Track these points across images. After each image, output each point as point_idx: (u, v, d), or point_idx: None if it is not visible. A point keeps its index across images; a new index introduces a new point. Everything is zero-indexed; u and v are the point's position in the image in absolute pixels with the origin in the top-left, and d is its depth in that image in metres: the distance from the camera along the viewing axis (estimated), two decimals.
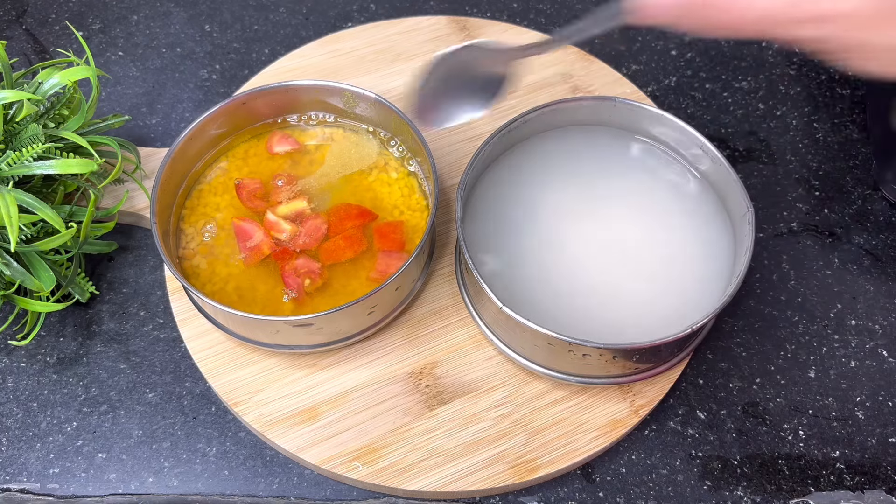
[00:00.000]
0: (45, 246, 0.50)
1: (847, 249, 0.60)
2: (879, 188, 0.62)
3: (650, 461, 0.52)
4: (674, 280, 0.51)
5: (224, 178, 0.57)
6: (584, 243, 0.53)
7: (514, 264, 0.52)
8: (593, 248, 0.52)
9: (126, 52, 0.70)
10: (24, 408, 0.54)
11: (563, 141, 0.57)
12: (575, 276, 0.51)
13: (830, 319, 0.57)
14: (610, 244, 0.53)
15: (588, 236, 0.53)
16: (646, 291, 0.51)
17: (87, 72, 0.53)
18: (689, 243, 0.53)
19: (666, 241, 0.53)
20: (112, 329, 0.56)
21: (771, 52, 0.69)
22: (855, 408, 0.54)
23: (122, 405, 0.54)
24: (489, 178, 0.55)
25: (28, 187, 0.51)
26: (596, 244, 0.53)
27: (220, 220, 0.55)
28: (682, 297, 0.50)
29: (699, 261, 0.52)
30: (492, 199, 0.55)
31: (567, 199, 0.54)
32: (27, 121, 0.50)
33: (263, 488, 0.51)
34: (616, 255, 0.52)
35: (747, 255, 0.48)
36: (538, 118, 0.55)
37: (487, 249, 0.52)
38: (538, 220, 0.54)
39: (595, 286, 0.51)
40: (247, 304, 0.52)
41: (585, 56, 0.66)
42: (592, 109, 0.56)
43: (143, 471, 0.52)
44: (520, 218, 0.54)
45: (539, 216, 0.54)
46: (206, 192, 0.57)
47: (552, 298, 0.50)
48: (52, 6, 0.73)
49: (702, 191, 0.54)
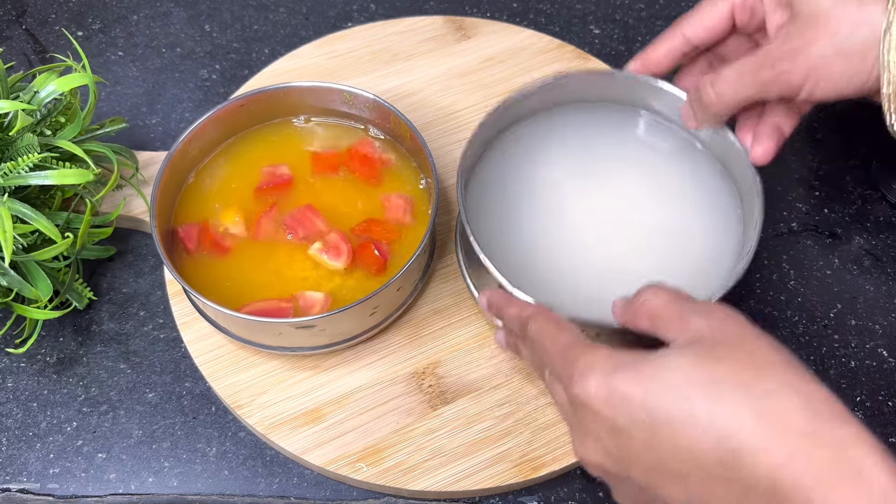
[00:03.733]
0: (42, 256, 0.50)
1: (847, 249, 0.60)
2: (880, 188, 0.62)
3: None
4: (681, 256, 0.50)
5: (221, 181, 0.57)
6: (589, 220, 0.52)
7: (516, 243, 0.51)
8: (598, 225, 0.52)
9: (126, 52, 0.70)
10: (24, 408, 0.54)
11: (565, 118, 0.56)
12: (580, 255, 0.51)
13: (830, 319, 0.57)
14: (616, 221, 0.52)
15: (592, 213, 0.52)
16: (653, 268, 0.50)
17: (85, 79, 0.52)
18: (696, 218, 0.52)
19: (672, 216, 0.52)
20: (112, 329, 0.56)
21: None
22: (855, 408, 0.54)
23: (122, 405, 0.54)
24: (490, 159, 0.54)
25: (25, 194, 0.51)
26: (601, 221, 0.52)
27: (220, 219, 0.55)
28: (689, 273, 0.49)
29: (707, 237, 0.51)
30: (493, 180, 0.54)
31: (570, 175, 0.54)
32: (22, 130, 0.50)
33: (263, 488, 0.51)
34: (622, 231, 0.51)
35: (757, 228, 0.47)
36: (537, 95, 0.54)
37: (490, 229, 0.51)
38: (541, 197, 0.53)
39: (600, 264, 0.50)
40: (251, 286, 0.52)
41: (583, 55, 0.66)
42: (592, 84, 0.55)
43: (142, 471, 0.52)
44: (522, 196, 0.53)
45: (542, 194, 0.53)
46: (205, 192, 0.56)
47: (558, 277, 0.50)
48: (51, 6, 0.73)
49: (707, 162, 0.53)
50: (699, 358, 0.35)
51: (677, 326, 0.37)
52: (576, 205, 0.53)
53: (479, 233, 0.49)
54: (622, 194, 0.53)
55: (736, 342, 0.35)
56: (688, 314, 0.37)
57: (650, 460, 0.35)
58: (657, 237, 0.51)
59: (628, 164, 0.54)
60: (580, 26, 0.71)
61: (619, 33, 0.70)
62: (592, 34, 0.70)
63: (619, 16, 0.71)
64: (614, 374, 0.36)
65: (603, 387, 0.35)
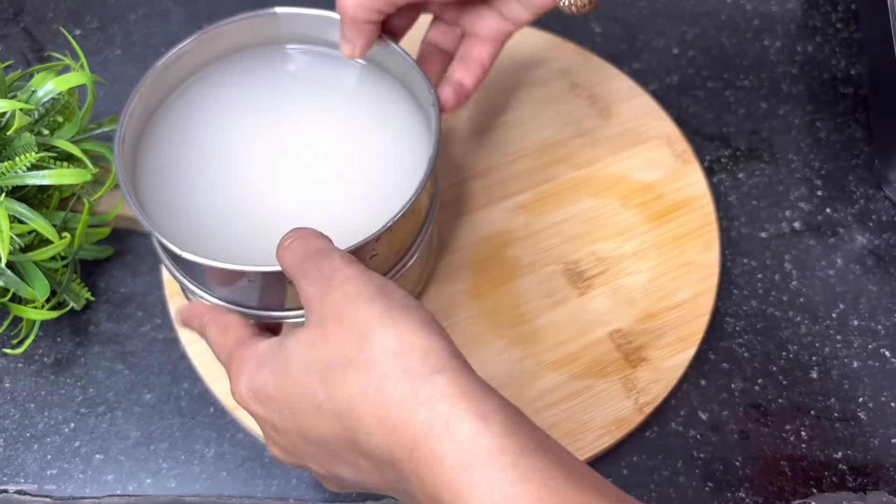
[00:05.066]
0: (39, 256, 0.49)
1: (850, 249, 0.59)
2: (882, 188, 0.62)
3: (652, 463, 0.52)
4: (371, 188, 0.48)
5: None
6: (272, 172, 0.49)
7: (193, 210, 0.48)
8: (283, 175, 0.49)
9: (124, 50, 0.70)
10: (22, 409, 0.54)
11: (235, 68, 0.52)
12: (261, 208, 0.48)
13: (833, 320, 0.57)
14: (300, 167, 0.49)
15: (273, 163, 0.49)
16: (343, 204, 0.48)
17: (83, 78, 0.52)
18: (389, 151, 0.49)
19: (363, 150, 0.49)
20: (109, 330, 0.56)
21: (773, 51, 0.69)
22: (857, 409, 0.53)
23: (120, 406, 0.53)
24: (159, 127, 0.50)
25: (22, 194, 0.51)
26: (284, 172, 0.49)
27: None
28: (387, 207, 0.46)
29: (395, 164, 0.49)
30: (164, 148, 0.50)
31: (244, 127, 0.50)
32: (20, 130, 0.50)
33: (262, 490, 0.51)
34: (308, 176, 0.49)
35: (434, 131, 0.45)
36: (197, 49, 0.50)
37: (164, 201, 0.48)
38: (216, 158, 0.49)
39: (288, 214, 0.47)
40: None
41: (584, 53, 0.66)
42: (257, 29, 0.51)
43: (140, 472, 0.51)
44: (193, 162, 0.49)
45: (216, 154, 0.49)
46: None
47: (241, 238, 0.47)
48: (49, 4, 0.72)
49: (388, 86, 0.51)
50: (311, 340, 0.36)
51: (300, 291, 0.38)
52: (255, 158, 0.49)
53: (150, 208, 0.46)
54: (302, 137, 0.50)
55: (338, 310, 0.35)
56: (302, 280, 0.38)
57: (311, 451, 0.37)
58: (345, 173, 0.49)
59: (303, 103, 0.51)
60: (581, 24, 0.70)
61: (621, 31, 0.70)
62: (593, 32, 0.69)
63: (621, 14, 0.71)
64: (258, 375, 0.37)
65: (251, 389, 0.38)
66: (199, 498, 0.51)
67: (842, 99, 0.67)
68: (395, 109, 0.51)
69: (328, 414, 0.35)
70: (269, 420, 0.38)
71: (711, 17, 0.71)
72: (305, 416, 0.36)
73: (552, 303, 0.55)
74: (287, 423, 0.37)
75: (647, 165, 0.61)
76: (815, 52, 0.69)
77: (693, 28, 0.70)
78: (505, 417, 0.32)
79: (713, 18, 0.71)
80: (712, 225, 0.59)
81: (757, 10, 0.71)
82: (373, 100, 0.52)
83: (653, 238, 0.58)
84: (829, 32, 0.70)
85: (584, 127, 0.63)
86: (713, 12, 0.71)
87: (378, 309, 0.35)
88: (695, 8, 0.71)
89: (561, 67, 0.65)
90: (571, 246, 0.58)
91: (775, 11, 0.71)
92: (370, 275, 0.37)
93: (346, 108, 0.52)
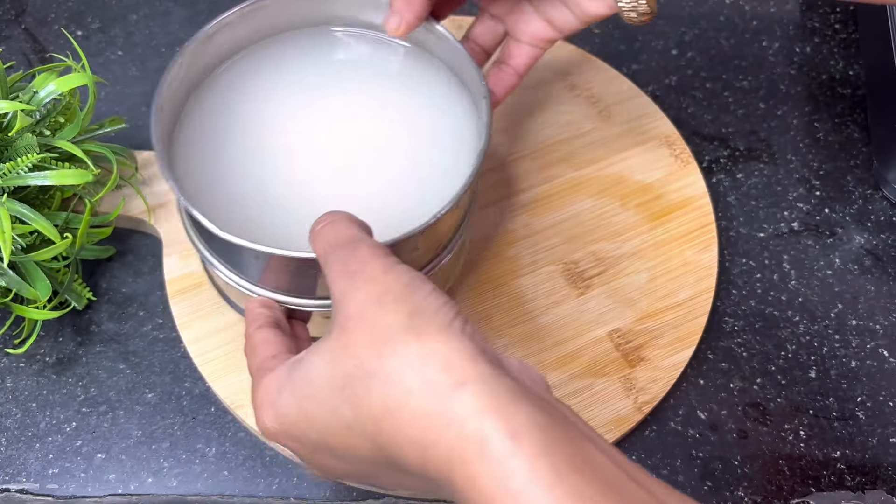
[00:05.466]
0: (41, 256, 0.49)
1: (848, 249, 0.60)
2: (881, 188, 0.62)
3: (651, 462, 0.52)
4: (411, 175, 0.47)
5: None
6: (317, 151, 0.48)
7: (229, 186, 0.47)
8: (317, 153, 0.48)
9: (125, 51, 0.70)
10: (23, 408, 0.54)
11: (282, 48, 0.52)
12: (299, 188, 0.47)
13: (831, 319, 0.57)
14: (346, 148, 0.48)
15: (310, 143, 0.48)
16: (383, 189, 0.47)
17: (84, 79, 0.52)
18: (431, 138, 0.49)
19: (405, 135, 0.49)
20: (111, 329, 0.56)
21: (771, 52, 0.69)
22: (856, 408, 0.54)
23: (122, 405, 0.54)
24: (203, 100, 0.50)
25: (24, 195, 0.51)
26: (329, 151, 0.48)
27: None
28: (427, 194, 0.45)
29: (438, 150, 0.48)
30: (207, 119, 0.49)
31: (288, 107, 0.50)
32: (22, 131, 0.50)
33: (263, 489, 0.51)
34: (352, 161, 0.48)
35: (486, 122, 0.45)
36: (240, 23, 0.49)
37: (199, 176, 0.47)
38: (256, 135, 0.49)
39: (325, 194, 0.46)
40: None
41: (584, 54, 0.66)
42: (304, 9, 0.50)
43: (142, 471, 0.51)
44: (237, 135, 0.49)
45: (257, 131, 0.49)
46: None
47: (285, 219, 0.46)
48: (51, 5, 0.72)
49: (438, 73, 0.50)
50: (332, 349, 0.34)
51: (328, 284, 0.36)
52: (296, 139, 0.49)
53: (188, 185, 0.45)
54: (344, 120, 0.49)
55: (361, 311, 0.34)
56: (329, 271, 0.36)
57: (350, 469, 0.36)
58: (391, 160, 0.48)
59: (347, 84, 0.51)
60: None
61: (620, 32, 0.70)
62: (593, 34, 0.70)
63: None
64: (278, 400, 0.36)
65: (275, 421, 0.36)
66: (201, 497, 0.51)
67: (840, 99, 0.67)
68: (440, 95, 0.50)
69: (358, 434, 0.33)
70: (299, 448, 0.37)
71: (710, 18, 0.71)
72: (337, 437, 0.34)
73: (552, 302, 0.56)
74: (319, 447, 0.35)
75: (647, 166, 0.61)
76: (813, 53, 0.69)
77: (692, 29, 0.70)
78: (538, 431, 0.30)
79: (712, 19, 0.71)
80: (711, 225, 0.59)
81: (755, 12, 0.71)
82: (418, 85, 0.51)
83: (652, 238, 0.58)
84: (828, 33, 0.70)
85: (583, 127, 0.63)
86: (712, 13, 0.71)
87: (403, 311, 0.33)
88: (693, 9, 0.71)
89: (560, 68, 0.65)
90: (571, 246, 0.58)
91: (774, 12, 0.71)
92: (397, 271, 0.35)
93: (391, 92, 0.51)
